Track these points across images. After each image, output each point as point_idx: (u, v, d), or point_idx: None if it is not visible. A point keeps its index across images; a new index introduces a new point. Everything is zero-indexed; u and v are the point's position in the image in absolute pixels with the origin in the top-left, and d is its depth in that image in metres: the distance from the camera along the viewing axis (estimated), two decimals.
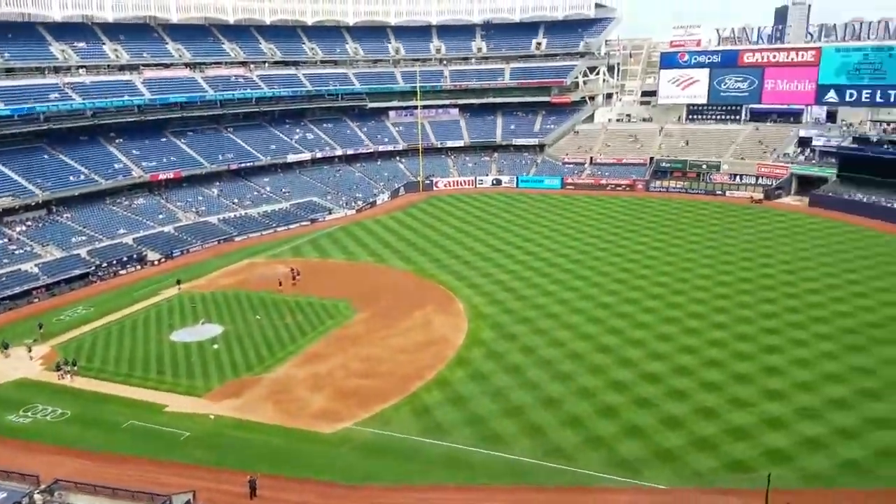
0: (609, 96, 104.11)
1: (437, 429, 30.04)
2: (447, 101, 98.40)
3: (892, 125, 71.85)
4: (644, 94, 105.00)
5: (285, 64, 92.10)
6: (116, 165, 69.66)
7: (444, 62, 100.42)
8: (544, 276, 50.63)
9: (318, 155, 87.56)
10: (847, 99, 76.94)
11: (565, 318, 42.10)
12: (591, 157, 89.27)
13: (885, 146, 67.39)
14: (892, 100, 73.60)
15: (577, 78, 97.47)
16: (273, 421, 31.40)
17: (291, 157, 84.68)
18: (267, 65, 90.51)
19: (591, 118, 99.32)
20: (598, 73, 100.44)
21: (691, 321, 40.78)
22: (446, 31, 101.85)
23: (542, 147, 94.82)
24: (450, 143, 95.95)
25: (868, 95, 75.04)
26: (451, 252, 58.73)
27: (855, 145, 69.92)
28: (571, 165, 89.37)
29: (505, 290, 47.94)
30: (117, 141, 72.76)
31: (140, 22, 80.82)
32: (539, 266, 53.37)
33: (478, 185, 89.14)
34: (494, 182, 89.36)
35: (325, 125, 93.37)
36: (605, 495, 25.26)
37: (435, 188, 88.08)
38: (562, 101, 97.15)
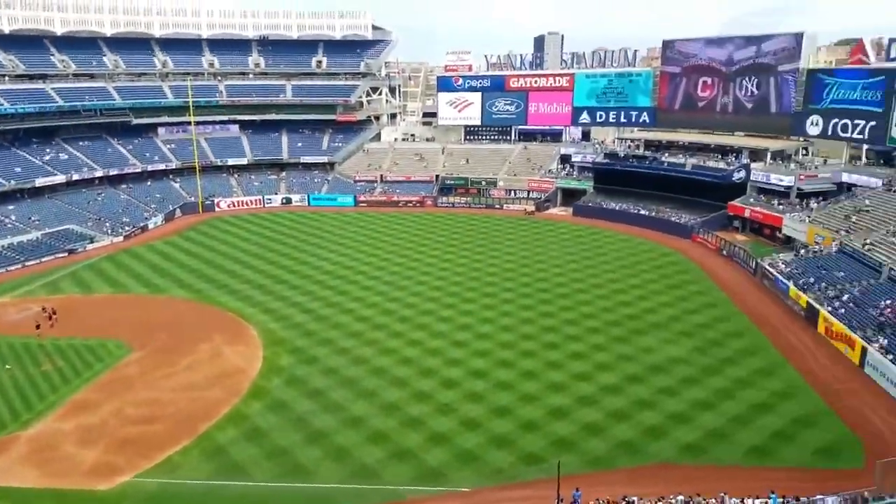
0: (393, 116, 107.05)
1: (234, 468, 27.74)
2: (225, 117, 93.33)
3: (635, 142, 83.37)
4: (425, 114, 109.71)
5: (30, 77, 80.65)
6: None
7: (219, 77, 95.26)
8: (343, 294, 49.94)
9: (75, 177, 77.41)
10: (598, 120, 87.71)
11: (368, 335, 41.83)
12: (382, 175, 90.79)
13: (631, 160, 77.91)
14: (633, 120, 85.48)
15: (360, 97, 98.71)
16: (38, 484, 26.64)
17: (41, 181, 73.81)
18: (7, 79, 78.32)
19: (378, 137, 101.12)
20: (380, 94, 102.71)
21: (483, 326, 42.95)
22: (219, 45, 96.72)
23: (332, 165, 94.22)
24: (231, 161, 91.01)
25: (615, 116, 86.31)
26: (240, 276, 55.34)
27: (606, 160, 79.85)
28: (363, 183, 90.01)
29: (303, 312, 46.31)
30: None
31: None
32: (337, 284, 52.52)
33: (266, 205, 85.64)
34: (284, 201, 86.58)
35: (81, 144, 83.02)
36: None
37: (217, 209, 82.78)
38: (347, 120, 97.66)
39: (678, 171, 71.98)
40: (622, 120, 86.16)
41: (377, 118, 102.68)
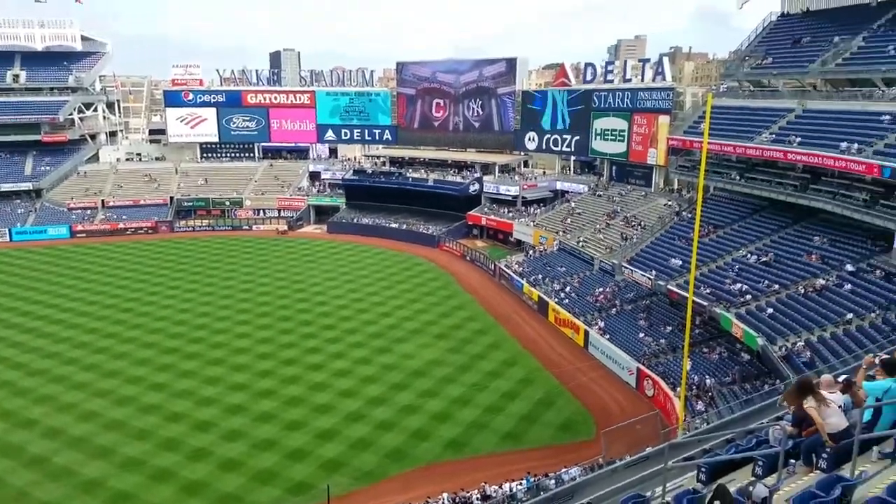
0: (113, 134, 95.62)
1: None
2: None
3: (381, 158, 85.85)
4: (152, 132, 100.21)
5: None
6: None
7: None
8: (63, 342, 42.65)
9: None
10: (343, 137, 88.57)
11: (97, 386, 36.17)
12: (103, 201, 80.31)
13: (379, 176, 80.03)
14: (377, 137, 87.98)
15: (71, 114, 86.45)
16: None
17: None
18: None
19: (96, 158, 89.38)
20: (95, 110, 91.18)
21: (238, 357, 40.11)
22: None
23: (39, 192, 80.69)
24: None
25: (359, 134, 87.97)
26: None
27: (355, 177, 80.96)
28: (80, 211, 78.63)
29: (11, 369, 38.53)
30: None
31: None
32: (55, 332, 44.70)
33: None
34: None
35: None
36: None
37: None
38: (56, 140, 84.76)
39: (422, 186, 75.89)
40: (366, 137, 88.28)
41: (93, 137, 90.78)
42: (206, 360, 39.51)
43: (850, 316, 31.07)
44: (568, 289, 49.72)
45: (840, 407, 7.78)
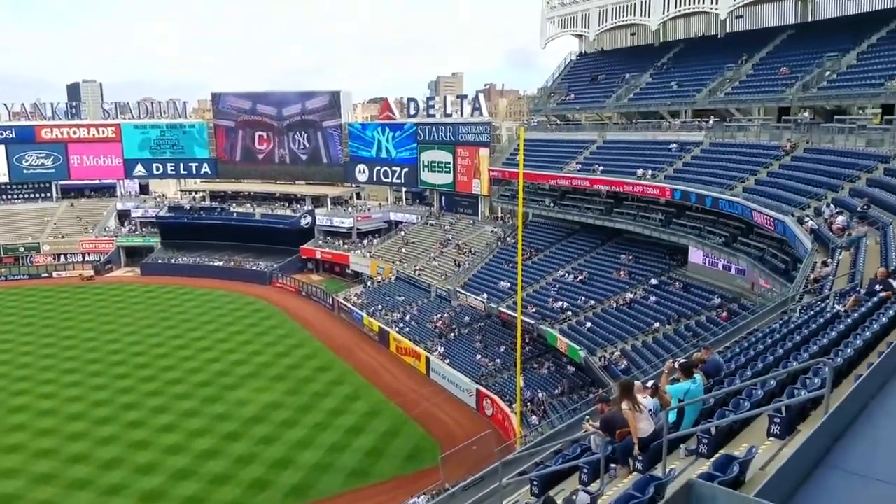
0: None
1: None
2: None
3: (200, 193, 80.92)
4: None
5: None
6: None
7: None
8: None
9: None
10: (155, 172, 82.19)
11: None
12: None
13: (199, 213, 75.27)
14: (194, 171, 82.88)
15: None
16: None
17: None
18: None
19: None
20: None
21: (43, 420, 35.06)
22: None
23: None
24: None
25: (174, 168, 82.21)
26: None
27: (171, 214, 75.40)
28: None
29: None
30: None
31: None
32: None
33: None
34: None
35: None
36: None
37: None
38: None
39: (249, 221, 72.70)
40: (182, 171, 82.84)
41: None
42: (4, 428, 34.10)
43: (656, 325, 34.53)
44: (408, 317, 50.09)
45: (650, 411, 8.41)
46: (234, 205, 76.03)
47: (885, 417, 2.49)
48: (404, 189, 75.56)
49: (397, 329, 48.20)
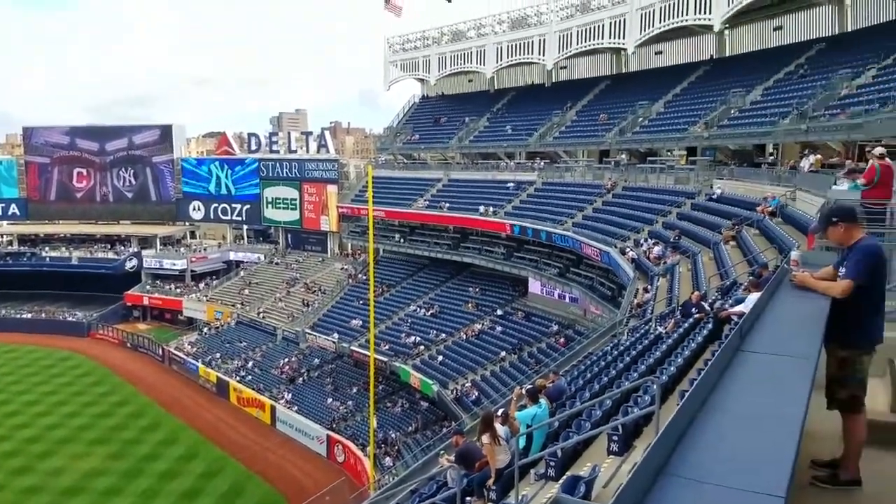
0: None
1: None
2: None
3: (7, 237, 71.52)
4: None
5: None
6: None
7: None
8: None
9: None
10: None
11: None
12: None
13: (5, 259, 66.41)
14: (2, 213, 73.07)
15: None
16: None
17: None
18: None
19: None
20: None
21: None
22: None
23: None
24: None
25: None
26: None
27: None
28: None
29: None
30: None
31: None
32: None
33: None
34: None
35: None
36: None
37: None
38: None
39: (64, 266, 65.28)
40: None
41: None
42: None
43: (503, 354, 35.76)
44: (250, 364, 47.43)
45: (505, 440, 8.50)
46: (48, 248, 68.15)
47: (709, 430, 2.64)
48: (246, 227, 72.44)
49: (238, 378, 45.41)
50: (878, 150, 11.16)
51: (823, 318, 3.96)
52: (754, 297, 7.42)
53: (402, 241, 51.40)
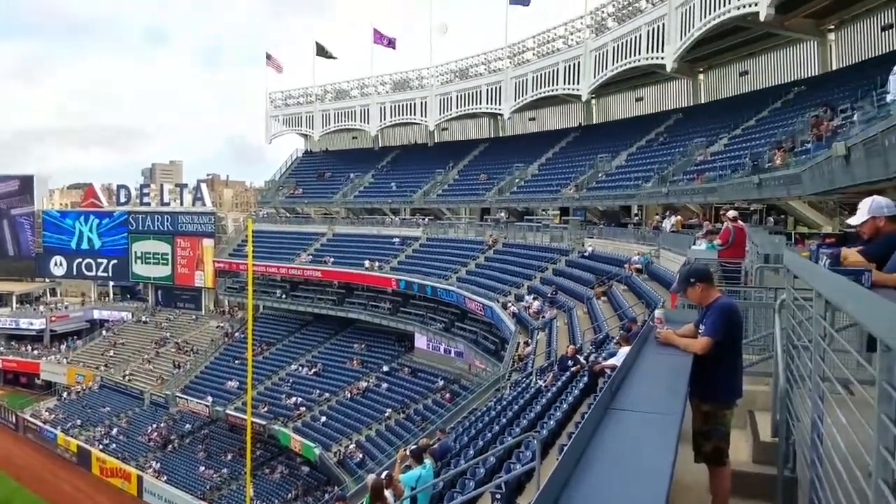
0: None
1: None
2: None
3: None
4: None
5: None
6: None
7: None
8: None
9: None
10: None
11: None
12: None
13: None
14: None
15: None
16: None
17: None
18: None
19: None
20: None
21: None
22: None
23: None
24: None
25: None
26: None
27: None
28: None
29: None
30: None
31: None
32: None
33: None
34: None
35: None
36: None
37: None
38: None
39: None
40: None
41: None
42: None
43: (388, 412, 35.13)
44: (115, 431, 43.39)
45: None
46: None
47: (586, 484, 2.77)
48: (112, 283, 67.31)
49: (101, 447, 41.30)
50: (732, 212, 12.37)
51: (687, 373, 4.19)
52: (625, 350, 7.90)
53: (283, 296, 49.88)
